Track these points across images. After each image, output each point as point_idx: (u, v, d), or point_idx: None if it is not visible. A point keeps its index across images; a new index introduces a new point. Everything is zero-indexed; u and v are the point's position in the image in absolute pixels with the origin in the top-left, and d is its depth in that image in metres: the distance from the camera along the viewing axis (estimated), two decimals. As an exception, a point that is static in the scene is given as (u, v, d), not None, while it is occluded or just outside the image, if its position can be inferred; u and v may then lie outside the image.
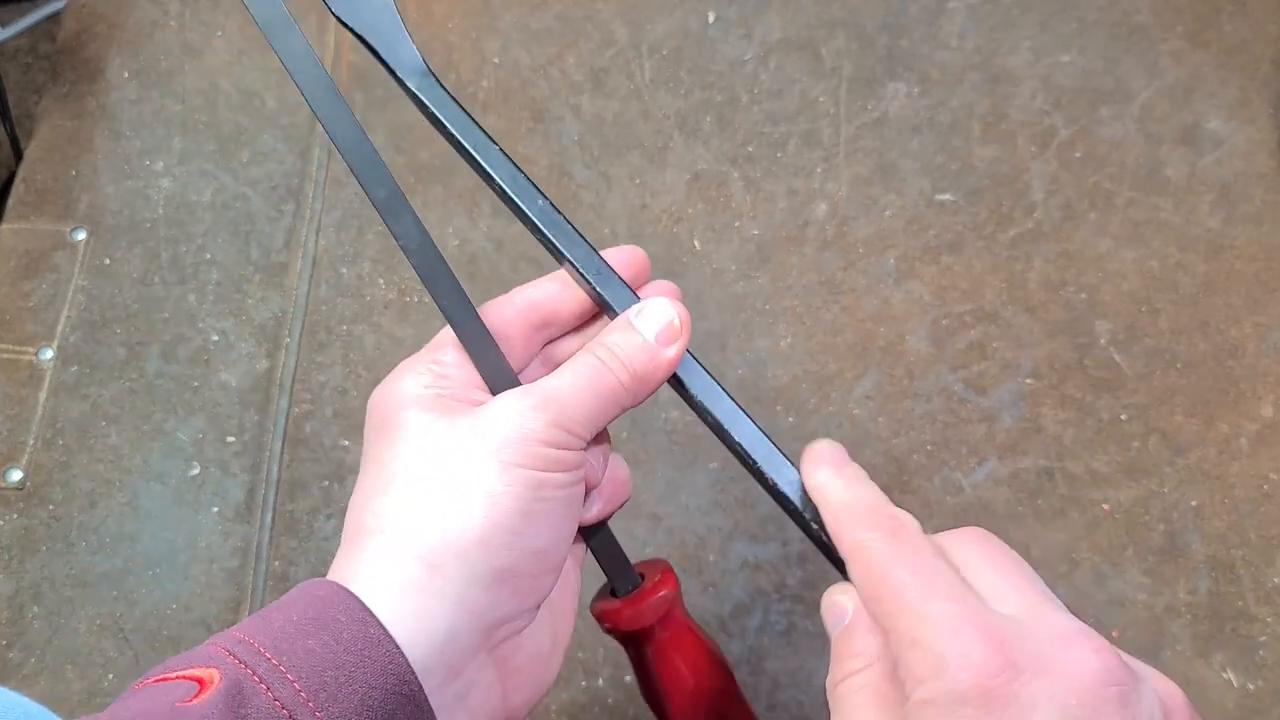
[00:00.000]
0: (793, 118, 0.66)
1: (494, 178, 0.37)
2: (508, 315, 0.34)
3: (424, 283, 0.35)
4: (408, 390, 0.33)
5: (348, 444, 0.58)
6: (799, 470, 0.33)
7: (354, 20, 0.40)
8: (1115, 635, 0.53)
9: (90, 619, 0.53)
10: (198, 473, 0.56)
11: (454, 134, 0.38)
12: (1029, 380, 0.58)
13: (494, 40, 0.68)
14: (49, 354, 0.59)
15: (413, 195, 0.63)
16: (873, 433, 0.57)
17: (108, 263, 0.62)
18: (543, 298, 0.35)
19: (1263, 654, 0.52)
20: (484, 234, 0.63)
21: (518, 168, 0.37)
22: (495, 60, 0.67)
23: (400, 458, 0.31)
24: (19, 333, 0.60)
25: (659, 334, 0.33)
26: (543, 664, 0.34)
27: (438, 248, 0.35)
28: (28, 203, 0.63)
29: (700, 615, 0.53)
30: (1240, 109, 0.65)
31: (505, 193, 0.37)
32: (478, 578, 0.30)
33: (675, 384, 0.35)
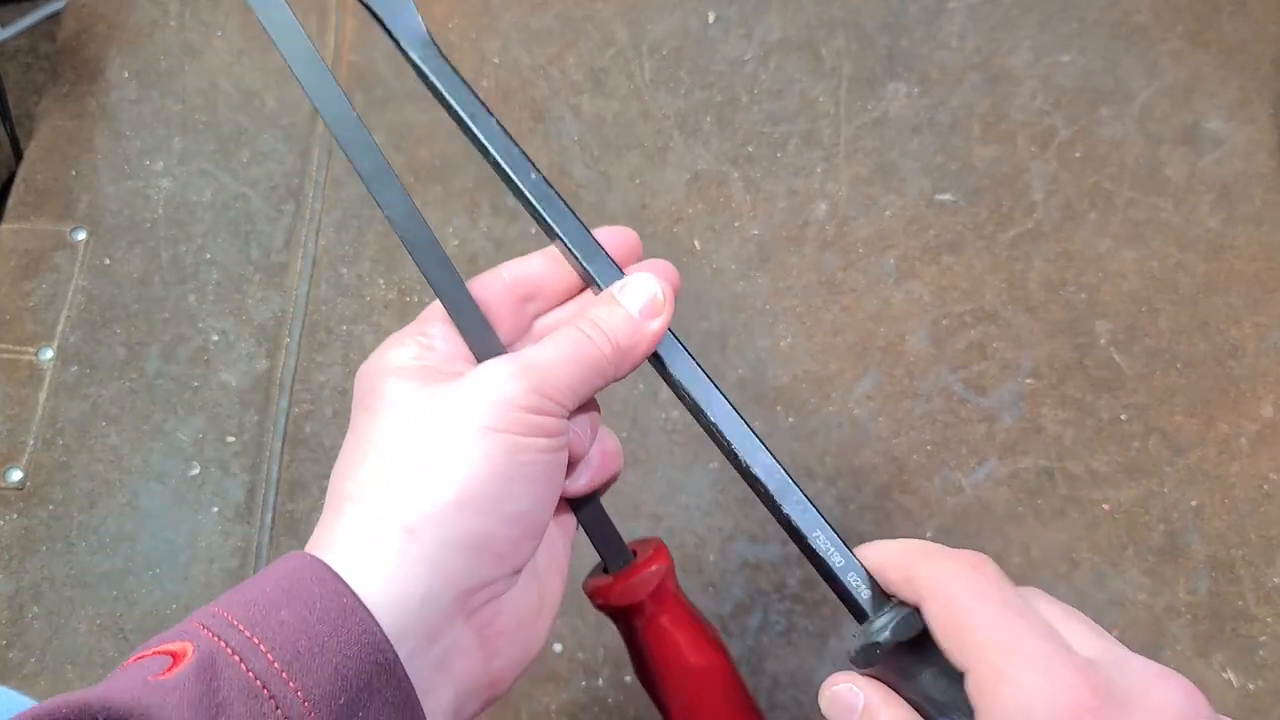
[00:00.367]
0: (793, 118, 0.66)
1: (489, 150, 0.38)
2: (495, 289, 0.35)
3: (411, 253, 0.36)
4: (392, 361, 0.33)
5: (348, 444, 0.58)
6: (772, 456, 0.33)
7: None
8: (1115, 635, 0.53)
9: (90, 619, 0.53)
10: (198, 473, 0.56)
11: (452, 105, 0.39)
12: (1029, 380, 0.58)
13: (494, 40, 0.68)
14: (49, 354, 0.59)
15: (412, 195, 0.63)
16: (873, 433, 0.57)
17: (108, 263, 0.62)
18: (530, 272, 0.36)
19: (1263, 654, 0.52)
20: (484, 234, 0.63)
21: (514, 141, 0.38)
22: (495, 60, 0.67)
23: (380, 427, 0.32)
24: (19, 333, 0.60)
25: (642, 308, 0.34)
26: (526, 630, 0.34)
27: (423, 218, 0.36)
28: (28, 203, 0.63)
29: (700, 615, 0.53)
30: (1240, 109, 0.65)
31: (499, 165, 0.37)
32: (454, 541, 0.30)
33: (655, 362, 0.35)
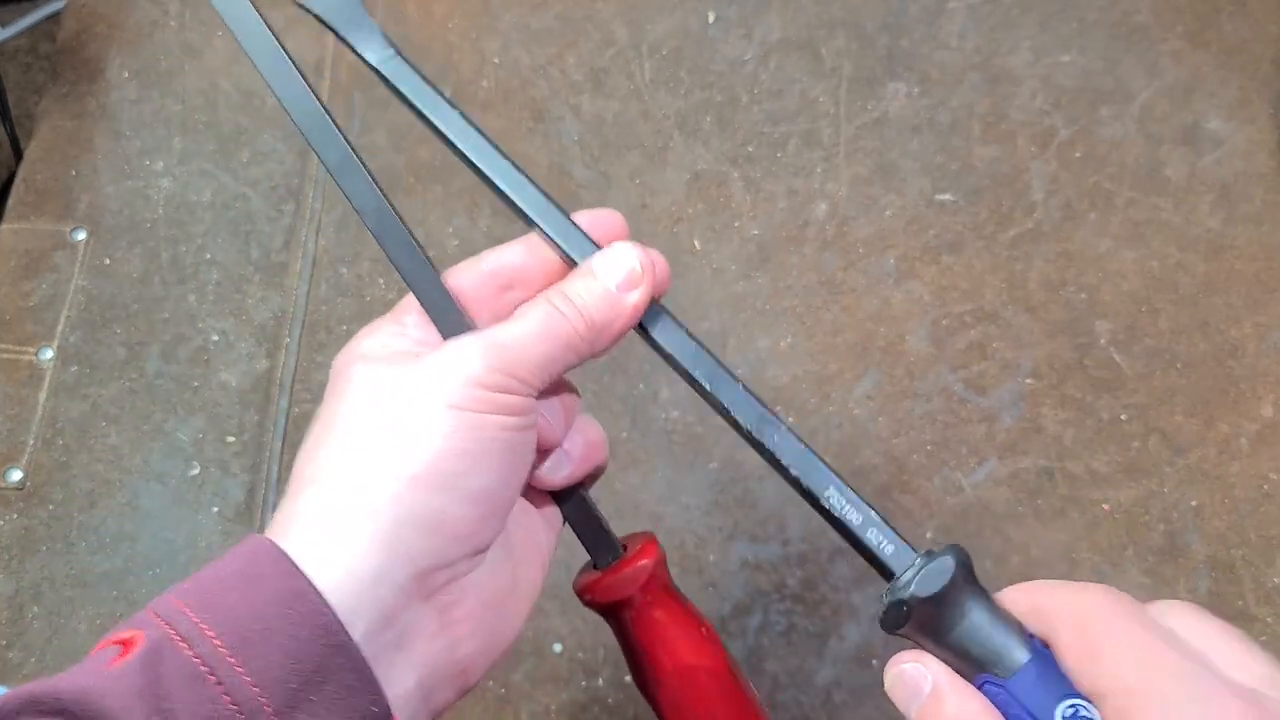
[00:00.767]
0: (793, 118, 0.66)
1: (456, 145, 0.37)
2: (473, 277, 0.34)
3: (380, 243, 0.35)
4: (363, 348, 0.33)
5: (348, 444, 0.58)
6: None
7: (314, 4, 0.40)
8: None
9: (90, 619, 0.53)
10: (198, 473, 0.57)
11: (415, 105, 0.39)
12: (1029, 380, 0.58)
13: (494, 40, 0.68)
14: (49, 354, 0.59)
15: (412, 195, 0.63)
16: (873, 433, 0.57)
17: (108, 263, 0.62)
18: (510, 260, 0.35)
19: (1263, 654, 0.52)
20: (484, 234, 0.63)
21: (482, 133, 0.37)
22: (495, 60, 0.67)
23: (342, 411, 0.31)
24: (19, 333, 0.60)
25: (620, 281, 0.32)
26: (494, 615, 0.33)
27: (392, 206, 0.35)
28: (28, 203, 0.63)
29: (700, 615, 0.53)
30: (1240, 109, 0.65)
31: (468, 159, 0.37)
32: (409, 519, 0.30)
33: (643, 334, 0.34)
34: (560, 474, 0.35)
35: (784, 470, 0.34)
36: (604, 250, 0.33)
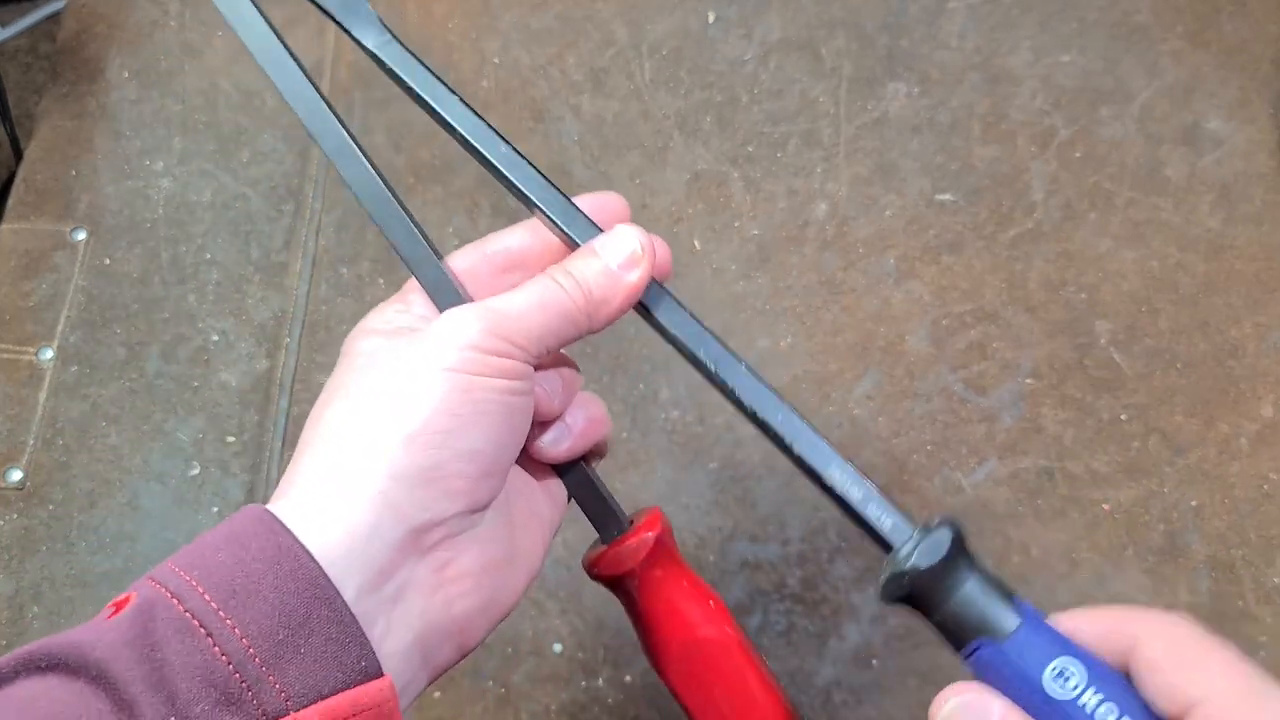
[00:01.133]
0: (793, 118, 0.66)
1: (456, 128, 0.39)
2: (475, 259, 0.37)
3: (379, 225, 0.37)
4: (369, 325, 0.35)
5: (348, 444, 0.58)
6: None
7: None
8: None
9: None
10: (198, 473, 0.57)
11: (416, 90, 0.40)
12: (1029, 380, 0.58)
13: (494, 40, 0.68)
14: (49, 354, 0.59)
15: (412, 195, 0.63)
16: (873, 433, 0.57)
17: (108, 263, 0.62)
18: (513, 244, 0.37)
19: (1264, 655, 0.52)
20: (484, 233, 0.62)
21: (480, 117, 0.39)
22: (495, 60, 0.67)
23: (344, 379, 0.34)
24: (19, 333, 0.60)
25: (622, 261, 0.34)
26: (492, 577, 0.34)
27: (393, 192, 0.37)
28: (28, 203, 0.63)
29: (700, 615, 0.53)
30: (1240, 109, 0.65)
31: (468, 141, 0.39)
32: (403, 475, 0.31)
33: (646, 315, 0.36)
34: (561, 446, 0.36)
35: (787, 449, 0.34)
36: (609, 232, 0.35)
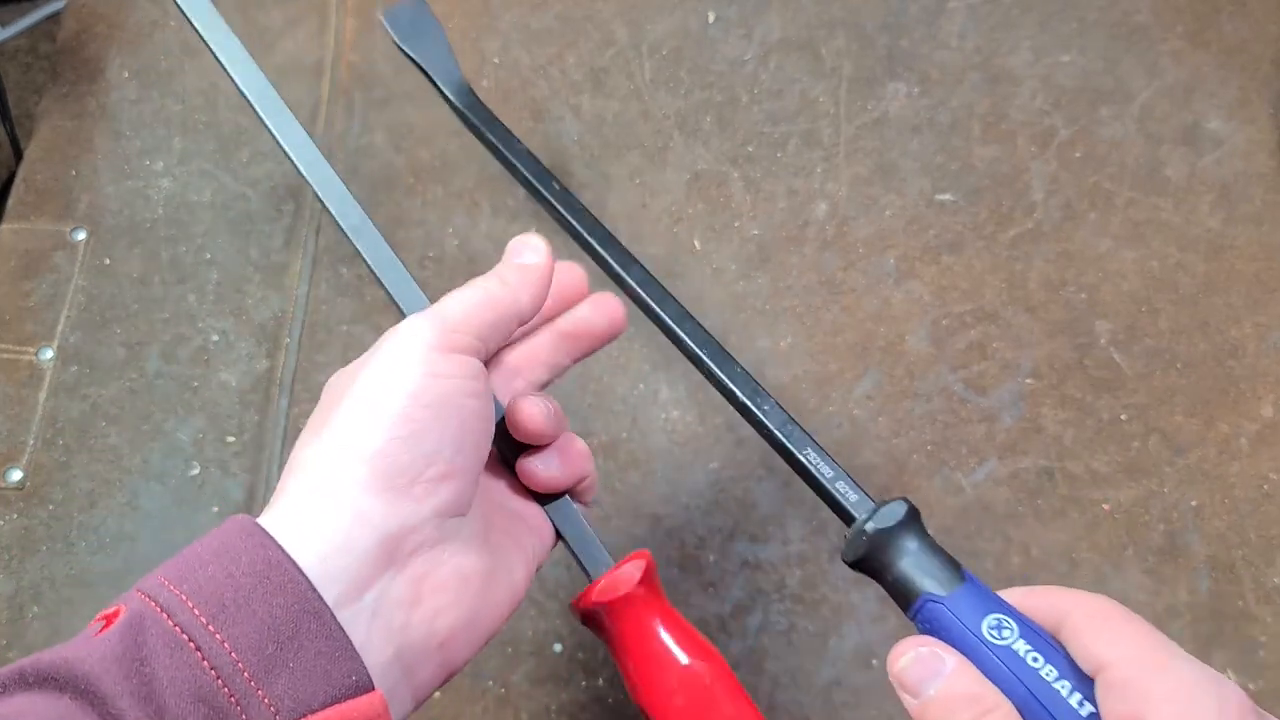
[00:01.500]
0: (793, 118, 0.66)
1: (521, 172, 0.47)
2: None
3: (352, 241, 0.41)
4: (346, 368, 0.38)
5: (348, 444, 0.57)
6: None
7: (410, 45, 0.52)
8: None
9: (90, 618, 0.53)
10: (197, 473, 0.57)
11: (498, 146, 0.49)
12: (1029, 380, 0.58)
13: (494, 40, 0.68)
14: (49, 354, 0.59)
15: (412, 195, 0.63)
16: (873, 433, 0.57)
17: (108, 263, 0.62)
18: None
19: (1263, 654, 0.52)
20: (484, 234, 0.63)
21: (538, 161, 0.47)
22: (495, 60, 0.67)
23: (322, 402, 0.36)
24: (19, 333, 0.60)
25: (525, 256, 0.40)
26: (471, 591, 0.34)
27: (364, 211, 0.42)
28: (28, 203, 0.63)
29: (700, 615, 0.53)
30: (1240, 109, 0.65)
31: (530, 182, 0.47)
32: (368, 484, 0.32)
33: (655, 320, 0.43)
34: (551, 469, 0.39)
35: (770, 434, 0.40)
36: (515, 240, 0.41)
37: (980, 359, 0.59)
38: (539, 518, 0.40)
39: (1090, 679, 0.30)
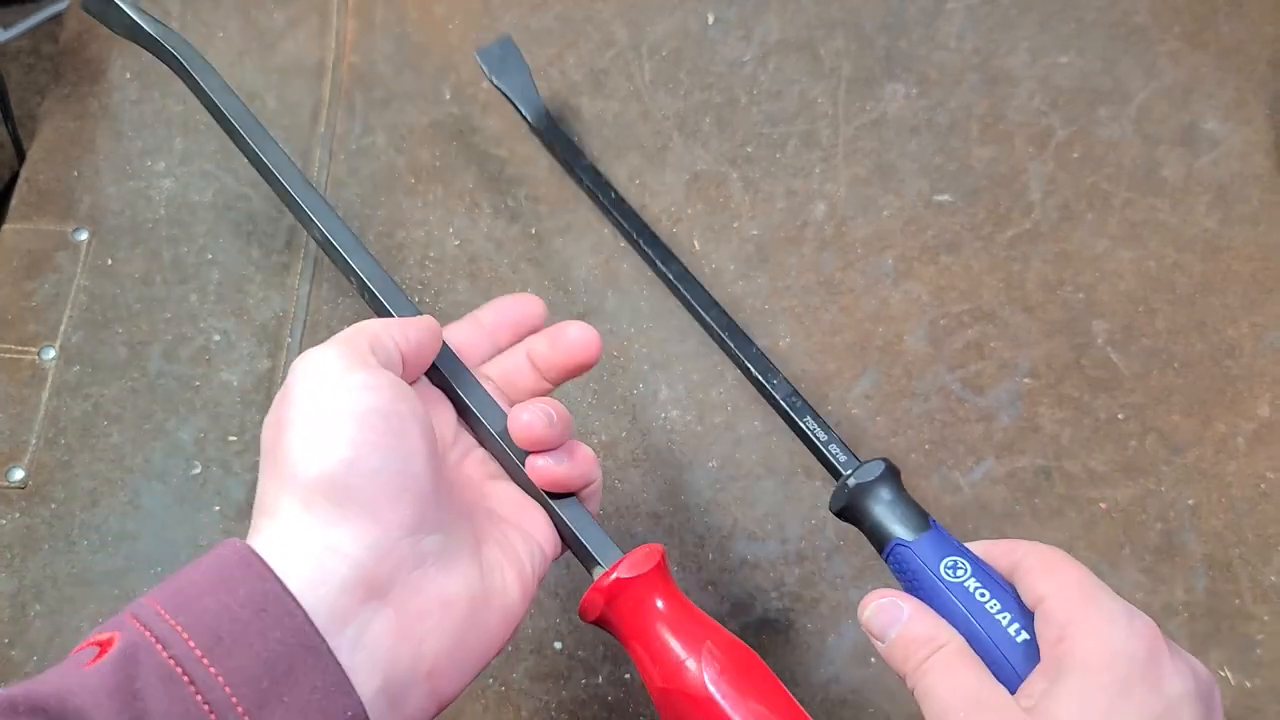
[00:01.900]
0: (791, 119, 0.66)
1: (599, 197, 0.56)
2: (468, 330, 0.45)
3: (306, 223, 0.47)
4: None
5: (348, 443, 0.58)
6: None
7: (499, 78, 0.61)
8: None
9: (92, 617, 0.54)
10: (199, 472, 0.57)
11: (574, 168, 0.58)
12: (1026, 380, 0.59)
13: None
14: (51, 354, 0.59)
15: (413, 195, 0.63)
16: (871, 432, 0.57)
17: (109, 263, 0.62)
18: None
19: (1260, 652, 0.52)
20: (484, 234, 0.63)
21: (622, 199, 0.57)
22: (495, 61, 0.68)
23: (269, 447, 0.36)
24: (21, 332, 0.60)
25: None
26: (460, 619, 0.34)
27: (322, 198, 0.46)
28: (30, 203, 0.64)
29: (699, 614, 0.53)
30: (1237, 110, 0.65)
31: (620, 224, 0.56)
32: (329, 514, 0.32)
33: (683, 302, 0.53)
34: (562, 466, 0.39)
35: (776, 403, 0.47)
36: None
37: (978, 359, 0.59)
38: (541, 527, 0.40)
39: (1031, 613, 0.36)
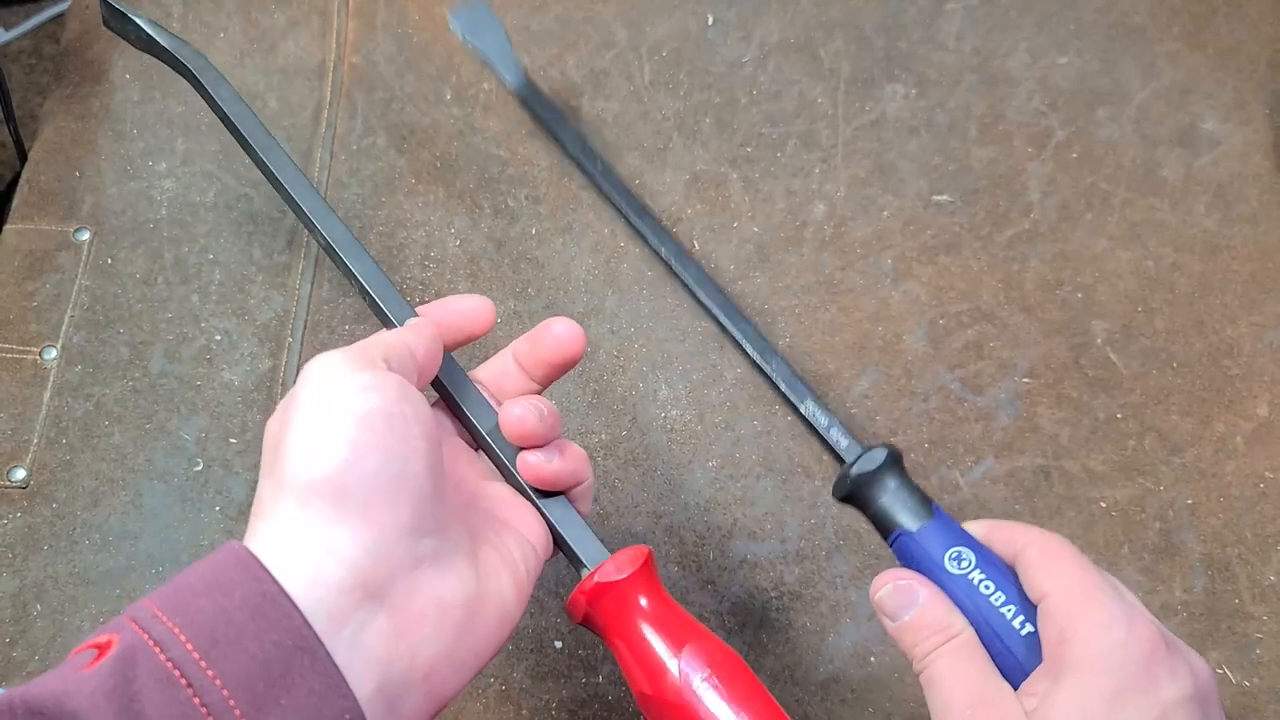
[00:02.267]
0: (791, 119, 0.66)
1: (585, 167, 0.54)
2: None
3: (310, 226, 0.46)
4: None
5: (349, 443, 0.58)
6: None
7: (475, 39, 0.60)
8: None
9: (94, 617, 0.54)
10: (200, 470, 0.57)
11: (554, 132, 0.57)
12: (1025, 380, 0.59)
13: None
14: (53, 354, 0.60)
15: (414, 196, 0.64)
16: (870, 431, 0.58)
17: (111, 263, 0.62)
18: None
19: (1259, 652, 0.52)
20: (485, 234, 0.63)
21: (597, 156, 0.55)
22: (496, 62, 0.68)
23: (270, 445, 0.36)
24: (23, 332, 0.60)
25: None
26: (456, 621, 0.34)
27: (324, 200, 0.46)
28: (32, 203, 0.64)
29: (699, 612, 0.54)
30: (1236, 110, 0.65)
31: (599, 185, 0.55)
32: (327, 515, 0.32)
33: (686, 289, 0.54)
34: (554, 461, 0.40)
35: (776, 386, 0.47)
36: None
37: (977, 358, 0.59)
38: (533, 527, 0.40)
39: (1034, 605, 0.36)
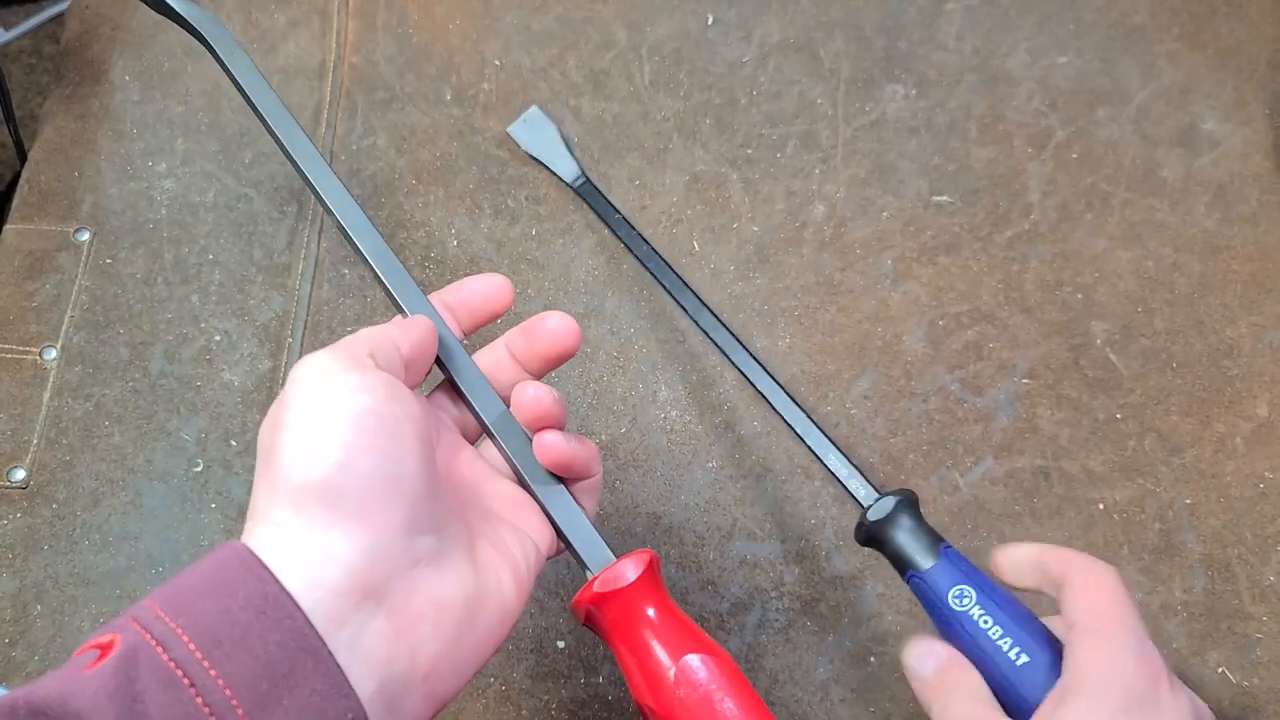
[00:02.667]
0: (791, 119, 0.66)
1: (641, 260, 0.57)
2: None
3: (339, 225, 0.44)
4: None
5: (349, 443, 0.58)
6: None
7: (532, 148, 0.64)
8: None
9: (94, 617, 0.54)
10: (200, 471, 0.57)
11: (609, 225, 0.60)
12: (1025, 380, 0.59)
13: (495, 42, 0.68)
14: (53, 354, 0.60)
15: (414, 196, 0.64)
16: (870, 432, 0.58)
17: (111, 263, 0.62)
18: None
19: (1259, 652, 0.52)
20: (485, 235, 0.63)
21: (653, 249, 0.58)
22: (496, 62, 0.68)
23: (263, 450, 0.36)
24: (23, 333, 0.60)
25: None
26: (456, 620, 0.34)
27: (363, 211, 0.44)
28: (32, 204, 0.64)
29: (699, 613, 0.54)
30: (1236, 110, 0.65)
31: (655, 277, 0.57)
32: (322, 518, 0.32)
33: (705, 326, 0.54)
34: (570, 443, 0.39)
35: (800, 438, 0.49)
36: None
37: (977, 359, 0.59)
38: (536, 524, 0.40)
39: (1035, 630, 0.39)
